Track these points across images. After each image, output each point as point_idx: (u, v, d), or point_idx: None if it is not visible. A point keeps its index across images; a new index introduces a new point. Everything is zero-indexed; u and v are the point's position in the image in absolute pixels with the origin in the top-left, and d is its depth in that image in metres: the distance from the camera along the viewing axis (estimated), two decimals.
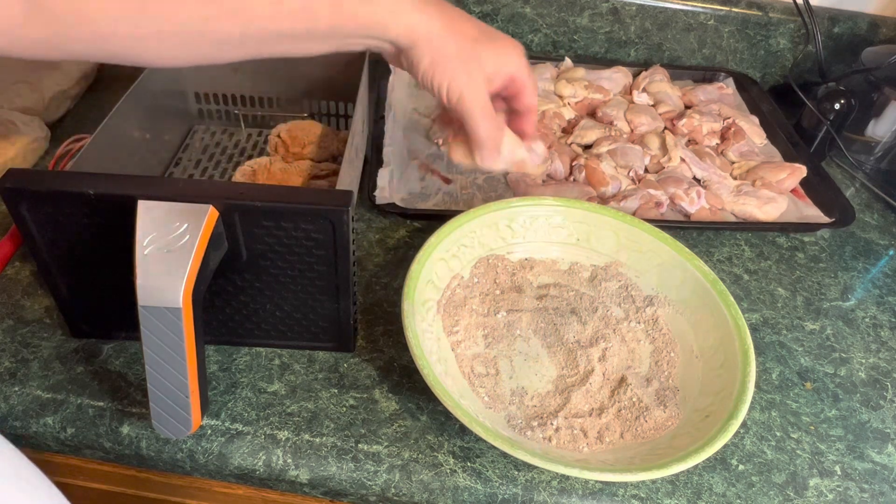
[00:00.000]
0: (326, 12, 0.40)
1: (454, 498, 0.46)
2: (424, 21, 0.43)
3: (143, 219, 0.41)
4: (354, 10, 0.41)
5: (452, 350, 0.52)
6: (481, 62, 0.45)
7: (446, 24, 0.44)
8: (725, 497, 0.47)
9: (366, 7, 0.41)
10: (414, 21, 0.42)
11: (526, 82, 0.48)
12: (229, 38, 0.39)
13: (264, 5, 0.38)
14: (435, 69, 0.45)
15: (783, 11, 0.89)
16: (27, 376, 0.49)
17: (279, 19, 0.39)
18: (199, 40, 0.38)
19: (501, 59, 0.47)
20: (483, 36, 0.46)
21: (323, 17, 0.40)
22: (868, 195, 0.78)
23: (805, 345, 0.59)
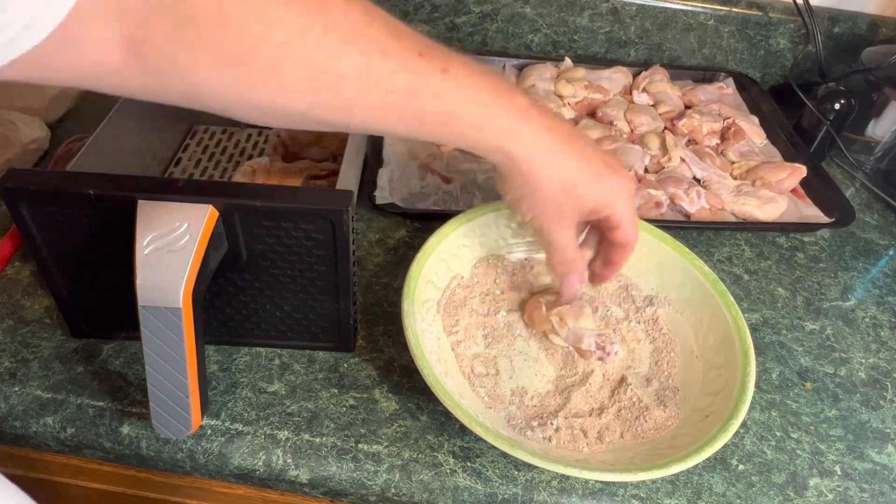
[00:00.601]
0: (432, 127, 0.39)
1: (454, 498, 0.46)
2: (524, 146, 0.41)
3: (143, 219, 0.41)
4: (462, 130, 0.40)
5: (452, 350, 0.52)
6: (579, 201, 0.44)
7: (549, 153, 0.42)
8: (725, 497, 0.47)
9: (473, 131, 0.40)
10: (513, 145, 0.41)
11: (622, 221, 0.46)
12: (331, 124, 0.38)
13: (374, 107, 0.37)
14: (523, 201, 0.45)
15: (783, 11, 0.89)
16: (27, 376, 0.49)
17: (387, 120, 0.38)
18: (298, 120, 0.38)
19: (602, 200, 0.45)
20: (588, 175, 0.44)
21: (428, 128, 0.39)
22: (868, 195, 0.78)
23: (805, 345, 0.59)
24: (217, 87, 0.35)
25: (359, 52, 0.35)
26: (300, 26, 0.33)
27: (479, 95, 0.39)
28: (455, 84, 0.38)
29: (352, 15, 0.35)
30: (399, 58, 0.36)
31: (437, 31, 0.92)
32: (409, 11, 0.91)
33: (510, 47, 0.94)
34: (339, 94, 0.36)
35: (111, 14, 0.31)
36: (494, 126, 0.40)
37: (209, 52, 0.33)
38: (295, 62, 0.34)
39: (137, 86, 0.34)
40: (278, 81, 0.35)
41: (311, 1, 0.34)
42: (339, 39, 0.35)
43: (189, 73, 0.34)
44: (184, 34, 0.32)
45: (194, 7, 0.31)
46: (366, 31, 0.35)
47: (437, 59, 0.38)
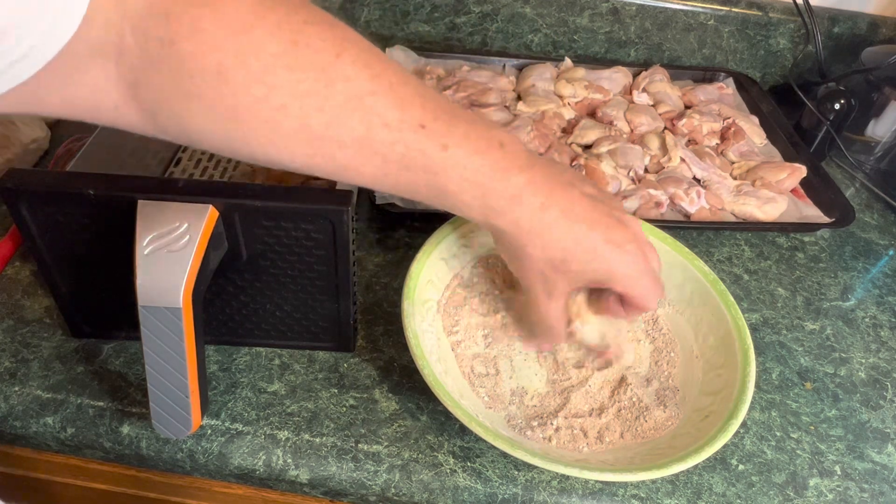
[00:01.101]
0: (426, 196, 0.40)
1: (454, 498, 0.46)
2: (512, 225, 0.41)
3: (143, 219, 0.41)
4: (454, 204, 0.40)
5: (452, 350, 0.52)
6: (572, 278, 0.43)
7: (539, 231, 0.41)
8: (725, 497, 0.47)
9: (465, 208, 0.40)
10: (503, 223, 0.41)
11: (630, 294, 0.44)
12: (328, 175, 0.38)
13: (370, 174, 0.37)
14: (511, 264, 0.45)
15: (783, 11, 0.89)
16: (27, 376, 0.49)
17: (381, 184, 0.38)
18: (297, 171, 0.38)
19: (601, 276, 0.43)
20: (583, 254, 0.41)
21: (422, 196, 0.40)
22: (868, 195, 0.78)
23: (805, 345, 0.59)
24: (213, 138, 0.35)
25: (358, 122, 0.35)
26: (300, 92, 0.33)
27: (475, 176, 0.39)
28: (453, 162, 0.38)
29: (356, 83, 0.34)
30: (399, 130, 0.36)
31: (437, 31, 0.93)
32: (409, 11, 0.91)
33: (510, 47, 0.94)
34: (335, 159, 0.36)
35: (110, 57, 0.31)
36: (485, 207, 0.40)
37: (206, 108, 0.33)
38: (293, 126, 0.34)
39: (135, 123, 0.34)
40: (274, 142, 0.35)
41: (314, 67, 0.33)
42: (340, 107, 0.34)
43: (185, 122, 0.34)
44: (181, 86, 0.32)
45: (194, 64, 0.31)
46: (368, 100, 0.35)
47: (439, 133, 0.37)
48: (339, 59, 0.34)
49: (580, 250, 0.42)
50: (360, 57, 0.35)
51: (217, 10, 0.31)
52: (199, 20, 0.31)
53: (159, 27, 0.30)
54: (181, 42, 0.31)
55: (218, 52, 0.31)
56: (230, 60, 0.31)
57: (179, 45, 0.31)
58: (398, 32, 0.93)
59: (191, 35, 0.31)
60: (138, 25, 0.30)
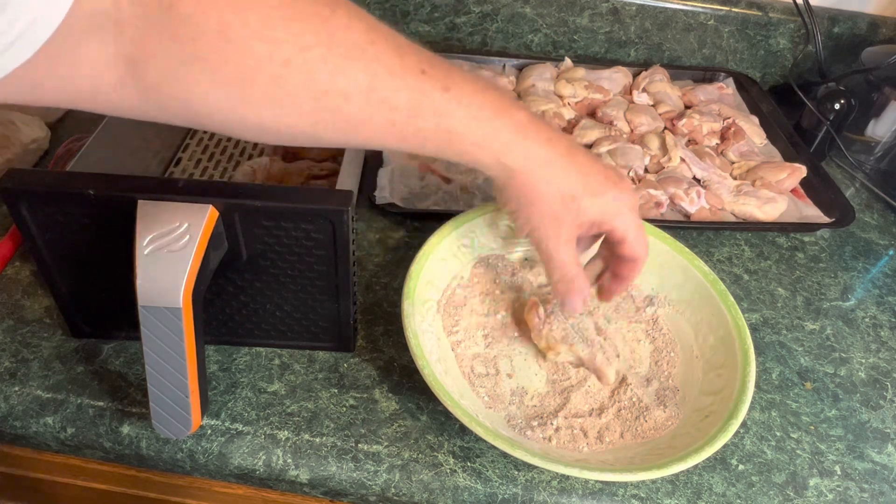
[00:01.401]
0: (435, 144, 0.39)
1: (454, 498, 0.46)
2: (522, 159, 0.41)
3: (143, 219, 0.41)
4: (463, 148, 0.40)
5: (452, 350, 0.52)
6: (579, 214, 0.43)
7: (548, 164, 0.42)
8: (725, 497, 0.47)
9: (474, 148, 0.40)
10: (512, 159, 0.41)
11: (626, 235, 0.45)
12: (334, 142, 0.38)
13: (378, 125, 0.37)
14: (520, 213, 0.44)
15: (783, 11, 0.89)
16: (27, 376, 0.49)
17: (390, 138, 0.38)
18: (301, 139, 0.37)
19: (602, 213, 0.44)
20: (587, 187, 0.43)
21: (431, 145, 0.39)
22: (868, 195, 0.78)
23: (805, 345, 0.59)
24: (218, 106, 0.34)
25: (362, 70, 0.35)
26: (303, 45, 0.33)
27: (479, 112, 0.39)
28: (457, 102, 0.38)
29: (354, 33, 0.35)
30: (402, 76, 0.36)
31: (437, 31, 0.93)
32: (409, 11, 0.91)
33: (510, 47, 0.94)
34: (343, 112, 0.36)
35: (108, 31, 0.30)
36: (494, 142, 0.40)
37: (210, 71, 0.32)
38: (298, 81, 0.34)
39: (135, 105, 0.34)
40: (282, 101, 0.34)
41: (313, 19, 0.33)
42: (343, 57, 0.34)
43: (189, 92, 0.33)
44: (183, 52, 0.31)
45: (195, 25, 0.31)
46: (369, 48, 0.35)
47: (439, 77, 0.37)
48: (335, 12, 0.34)
49: (586, 185, 0.43)
50: (352, 10, 0.35)
51: None
52: None
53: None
54: (181, 4, 0.30)
55: (217, 9, 0.31)
56: (230, 17, 0.31)
57: (178, 6, 0.30)
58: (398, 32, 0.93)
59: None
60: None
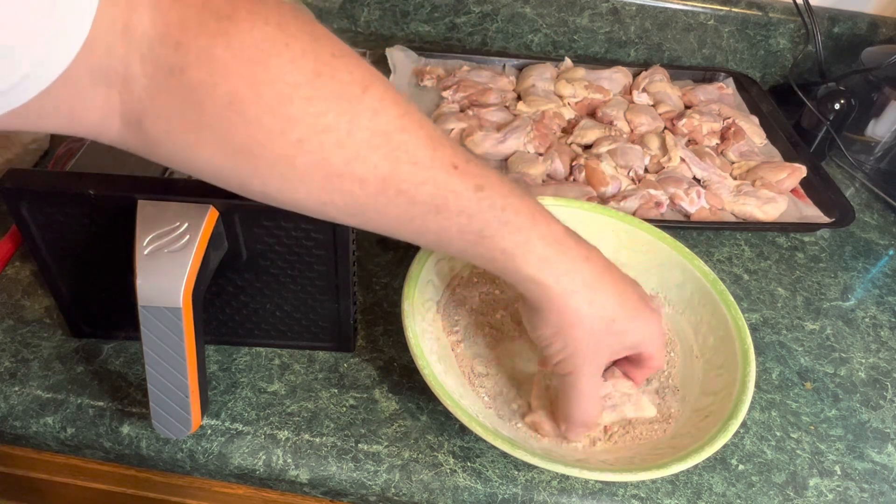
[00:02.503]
0: (459, 246, 0.36)
1: (454, 498, 0.46)
2: (562, 277, 0.37)
3: (143, 219, 0.41)
4: (492, 255, 0.36)
5: (452, 350, 0.52)
6: (619, 338, 0.41)
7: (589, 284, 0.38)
8: (725, 497, 0.47)
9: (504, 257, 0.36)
10: (549, 276, 0.37)
11: (654, 355, 0.43)
12: (344, 223, 0.36)
13: (394, 217, 0.34)
14: (557, 338, 0.40)
15: (783, 11, 0.89)
16: (27, 376, 0.49)
17: (407, 231, 0.36)
18: (310, 213, 0.35)
19: (640, 336, 0.42)
20: (626, 310, 0.40)
21: (454, 246, 0.37)
22: (868, 195, 0.78)
23: (805, 345, 0.59)
24: (221, 172, 0.33)
25: (383, 159, 0.32)
26: (321, 126, 0.31)
27: (514, 218, 0.36)
28: (489, 203, 0.35)
29: (383, 118, 0.32)
30: (430, 168, 0.33)
31: (437, 31, 0.93)
32: (409, 11, 0.91)
33: (510, 47, 0.94)
34: (355, 198, 0.33)
35: (114, 84, 0.29)
36: (529, 254, 0.36)
37: (216, 140, 0.31)
38: (310, 162, 0.31)
39: (139, 150, 0.33)
40: (288, 178, 0.32)
41: (337, 100, 0.31)
42: (364, 143, 0.32)
43: (193, 154, 0.32)
44: (191, 117, 0.30)
45: (205, 94, 0.29)
46: (396, 136, 0.32)
47: (473, 175, 0.34)
48: (366, 93, 0.31)
49: (624, 307, 0.40)
50: (387, 93, 0.32)
51: (232, 39, 0.29)
52: (212, 48, 0.29)
53: (169, 56, 0.29)
54: (192, 70, 0.29)
55: (230, 81, 0.29)
56: (243, 90, 0.29)
57: (190, 73, 0.29)
58: (398, 32, 0.93)
59: (202, 63, 0.29)
60: (147, 55, 0.28)
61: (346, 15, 0.92)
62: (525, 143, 0.73)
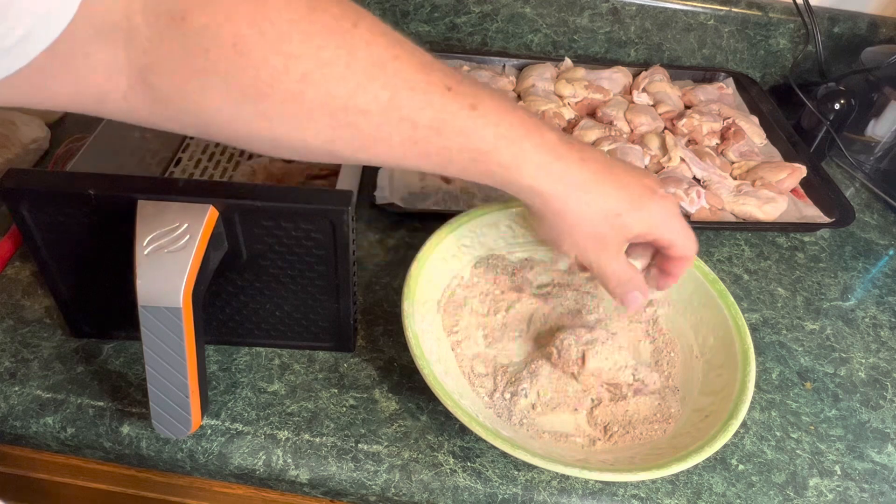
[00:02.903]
0: (460, 164, 0.37)
1: (454, 498, 0.46)
2: (556, 183, 0.39)
3: (143, 219, 0.41)
4: (491, 168, 0.38)
5: (452, 350, 0.52)
6: (624, 230, 0.42)
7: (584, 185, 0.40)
8: (725, 497, 0.47)
9: (502, 170, 0.38)
10: (545, 183, 0.39)
11: (673, 240, 0.44)
12: (351, 159, 0.37)
13: (398, 143, 0.36)
14: (563, 239, 0.42)
15: (783, 11, 0.89)
16: (27, 376, 0.49)
17: (411, 156, 0.37)
18: (315, 154, 0.36)
19: (647, 226, 0.43)
20: (630, 202, 0.41)
21: (455, 166, 0.38)
22: (868, 195, 0.78)
23: (805, 345, 0.59)
24: (230, 119, 0.33)
25: (382, 87, 0.33)
26: (321, 60, 0.32)
27: (509, 132, 0.37)
28: (483, 121, 0.36)
29: (376, 48, 0.33)
30: (426, 92, 0.35)
31: (437, 31, 0.92)
32: (409, 11, 0.91)
33: (510, 47, 0.94)
34: (361, 129, 0.34)
35: (118, 40, 0.29)
36: (525, 164, 0.38)
37: (223, 85, 0.31)
38: (315, 97, 0.32)
39: (144, 113, 0.33)
40: (297, 116, 0.33)
41: (333, 34, 0.32)
42: (363, 73, 0.33)
43: (201, 105, 0.32)
44: (196, 65, 0.30)
45: (208, 38, 0.30)
46: (391, 64, 0.34)
47: (466, 95, 0.36)
48: (357, 26, 0.33)
49: (627, 200, 0.41)
50: (376, 25, 0.34)
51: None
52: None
53: (170, 3, 0.29)
54: (194, 15, 0.29)
55: (232, 22, 0.30)
56: (246, 30, 0.30)
57: (192, 18, 0.29)
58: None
59: (203, 7, 0.29)
60: (148, 4, 0.29)
61: None
62: None
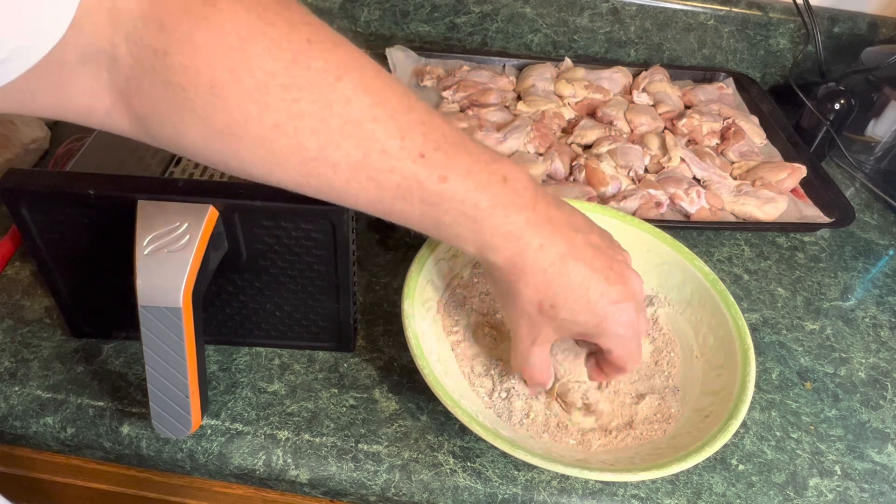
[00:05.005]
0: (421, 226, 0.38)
1: (454, 498, 0.46)
2: (507, 264, 0.39)
3: (143, 219, 0.41)
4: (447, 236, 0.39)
5: (452, 350, 0.52)
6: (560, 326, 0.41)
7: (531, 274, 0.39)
8: (725, 497, 0.47)
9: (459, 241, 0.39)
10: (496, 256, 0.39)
11: (613, 352, 0.43)
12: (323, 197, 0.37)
13: (364, 199, 0.36)
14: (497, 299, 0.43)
15: (783, 11, 0.89)
16: (27, 376, 0.49)
17: (376, 210, 0.37)
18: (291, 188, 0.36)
19: (589, 331, 0.42)
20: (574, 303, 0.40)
21: (417, 225, 0.38)
22: (868, 195, 0.78)
23: (805, 345, 0.59)
24: (205, 152, 0.34)
25: (355, 147, 0.34)
26: (295, 112, 0.32)
27: (472, 212, 0.37)
28: (449, 196, 0.36)
29: (355, 108, 0.33)
30: (398, 158, 0.35)
31: (437, 31, 0.92)
32: (409, 11, 0.91)
33: (510, 47, 0.94)
34: (329, 180, 0.35)
35: (102, 63, 0.30)
36: (480, 242, 0.39)
37: (199, 121, 0.32)
38: (286, 146, 0.33)
39: (128, 130, 0.34)
40: (266, 161, 0.34)
41: (312, 88, 0.32)
42: (337, 130, 0.33)
43: (179, 134, 0.33)
44: (173, 98, 0.31)
45: (187, 77, 0.30)
46: (368, 126, 0.34)
47: (438, 163, 0.35)
48: (340, 81, 0.33)
49: (572, 298, 0.40)
50: (362, 81, 0.34)
51: (212, 24, 0.30)
52: (193, 33, 0.30)
53: (153, 37, 0.30)
54: (174, 54, 0.30)
55: (211, 67, 0.30)
56: (224, 77, 0.30)
57: (172, 57, 0.30)
58: (398, 32, 0.93)
59: (184, 48, 0.30)
60: (132, 34, 0.29)
61: (346, 15, 0.92)
62: (525, 143, 0.73)
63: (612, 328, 0.41)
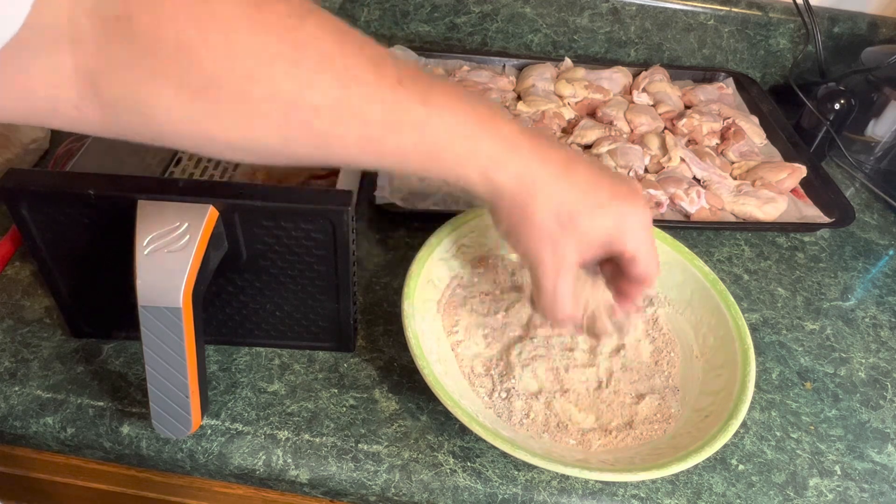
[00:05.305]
0: (417, 162, 0.37)
1: (454, 498, 0.46)
2: (511, 176, 0.38)
3: (143, 219, 0.41)
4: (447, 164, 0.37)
5: (452, 350, 0.52)
6: (580, 236, 0.40)
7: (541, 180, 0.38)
8: (725, 497, 0.47)
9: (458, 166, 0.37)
10: (499, 176, 0.38)
11: (637, 255, 0.41)
12: (310, 160, 0.36)
13: (353, 141, 0.35)
14: (510, 234, 0.41)
15: (783, 11, 0.89)
16: (27, 376, 0.49)
17: (367, 155, 0.36)
18: (276, 157, 0.35)
19: (609, 233, 0.40)
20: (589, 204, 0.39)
21: (413, 163, 0.37)
22: (868, 195, 0.78)
23: (805, 345, 0.59)
24: (182, 122, 0.33)
25: (331, 82, 0.33)
26: (267, 56, 0.31)
27: (462, 127, 0.36)
28: (437, 115, 0.35)
29: (324, 43, 0.33)
30: (376, 87, 0.34)
31: (437, 31, 0.92)
32: (409, 11, 0.91)
33: (510, 47, 0.94)
34: (314, 128, 0.34)
35: (64, 46, 0.29)
36: (479, 157, 0.37)
37: (172, 86, 0.31)
38: (263, 95, 0.32)
39: (96, 123, 0.32)
40: (247, 115, 0.33)
41: (279, 28, 0.32)
42: (311, 69, 0.32)
43: (151, 107, 0.32)
44: (144, 66, 0.30)
45: (153, 39, 0.29)
46: (339, 60, 0.33)
47: (417, 89, 0.35)
48: (304, 22, 0.32)
49: (588, 203, 0.39)
50: (325, 21, 0.33)
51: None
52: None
53: (115, 4, 0.29)
54: (138, 16, 0.29)
55: (175, 22, 0.29)
56: (189, 31, 0.29)
57: (136, 19, 0.29)
58: (398, 32, 0.93)
59: (147, 8, 0.29)
60: (93, 8, 0.29)
61: (346, 15, 0.92)
62: None
63: (633, 227, 0.40)
